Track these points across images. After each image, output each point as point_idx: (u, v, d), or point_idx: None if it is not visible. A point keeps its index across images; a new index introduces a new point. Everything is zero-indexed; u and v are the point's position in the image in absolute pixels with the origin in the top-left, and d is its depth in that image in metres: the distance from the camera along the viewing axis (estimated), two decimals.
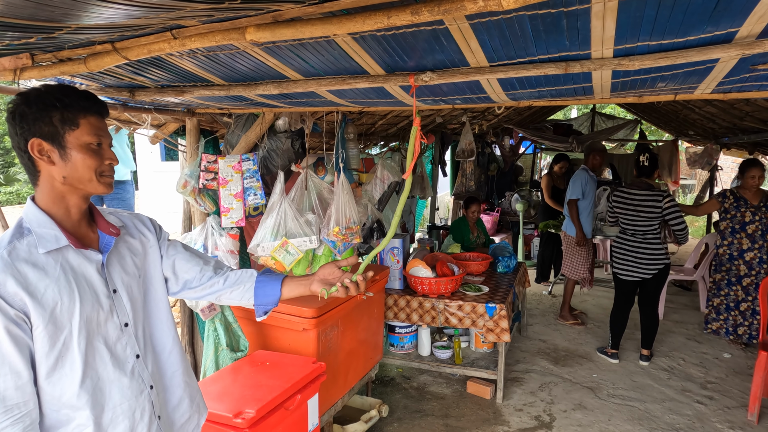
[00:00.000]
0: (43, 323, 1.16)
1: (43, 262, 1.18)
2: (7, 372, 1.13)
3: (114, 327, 1.29)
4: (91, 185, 1.23)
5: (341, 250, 2.70)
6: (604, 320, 5.40)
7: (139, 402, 1.32)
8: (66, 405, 1.21)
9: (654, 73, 1.56)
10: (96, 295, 1.25)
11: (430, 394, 3.86)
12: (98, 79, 1.93)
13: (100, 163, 1.23)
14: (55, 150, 1.19)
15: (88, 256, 1.26)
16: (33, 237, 1.19)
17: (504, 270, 4.51)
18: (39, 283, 1.16)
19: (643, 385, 3.99)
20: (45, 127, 1.18)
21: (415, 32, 1.34)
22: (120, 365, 1.29)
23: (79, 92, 1.23)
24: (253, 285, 1.48)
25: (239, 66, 1.71)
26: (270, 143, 2.88)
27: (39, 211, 1.22)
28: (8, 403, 1.12)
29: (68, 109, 1.19)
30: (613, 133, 7.92)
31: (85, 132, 1.21)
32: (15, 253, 1.16)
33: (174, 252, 1.49)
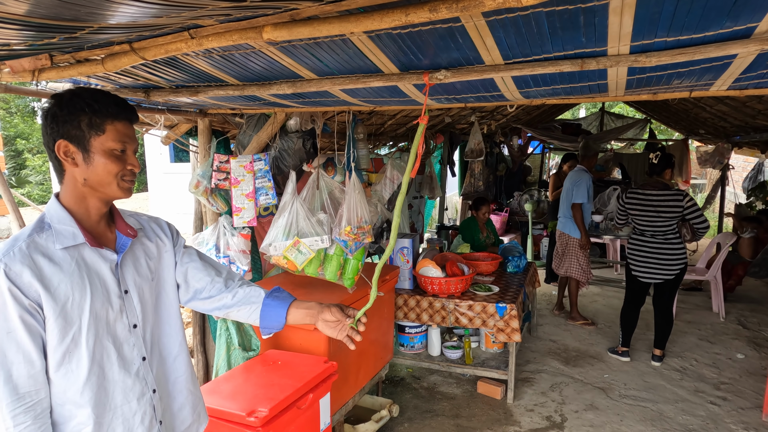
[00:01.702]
0: (53, 316, 1.18)
1: (59, 257, 1.21)
2: (20, 360, 1.15)
3: (123, 327, 1.31)
4: (110, 189, 1.26)
5: (353, 249, 2.71)
6: (614, 321, 5.37)
7: (140, 405, 1.33)
8: (70, 400, 1.22)
9: (670, 69, 1.55)
10: (108, 294, 1.27)
11: (441, 394, 3.85)
12: (114, 80, 1.95)
13: (121, 169, 1.25)
14: (80, 153, 1.23)
15: (104, 255, 1.29)
16: (52, 232, 1.22)
17: (514, 270, 4.49)
18: (53, 277, 1.19)
19: (655, 385, 3.96)
20: (72, 130, 1.21)
21: (431, 30, 1.34)
22: (126, 366, 1.31)
23: (110, 97, 1.25)
24: (260, 307, 1.47)
25: (254, 65, 1.71)
26: (281, 143, 2.89)
27: (61, 207, 1.25)
28: (21, 391, 1.15)
29: (97, 115, 1.21)
30: (622, 132, 7.88)
31: (110, 138, 1.23)
32: (33, 245, 1.19)
33: (188, 260, 1.49)
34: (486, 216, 5.15)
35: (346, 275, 2.81)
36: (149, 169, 11.37)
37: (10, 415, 1.13)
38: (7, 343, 1.14)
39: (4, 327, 1.14)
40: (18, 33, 1.00)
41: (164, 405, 1.41)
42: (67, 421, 1.23)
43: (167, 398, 1.43)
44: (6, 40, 1.10)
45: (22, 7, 0.85)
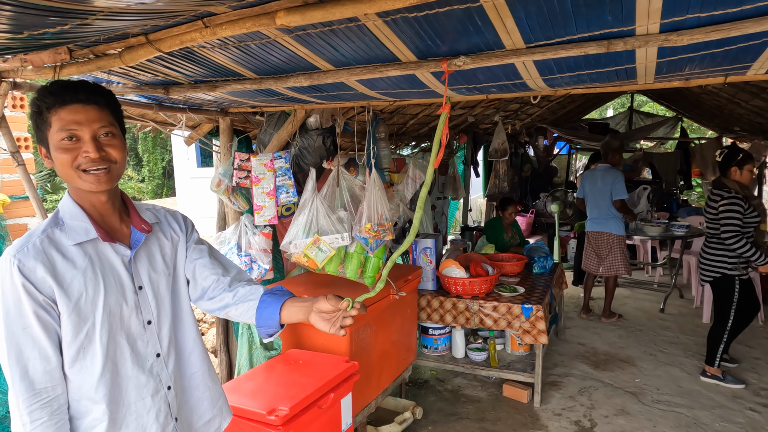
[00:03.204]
0: (67, 312, 1.17)
1: (73, 254, 1.20)
2: (36, 356, 1.14)
3: (137, 324, 1.29)
4: (77, 183, 1.20)
5: (373, 247, 2.67)
6: (646, 324, 5.19)
7: (155, 402, 1.30)
8: (85, 396, 1.21)
9: (703, 50, 1.47)
10: (122, 290, 1.25)
11: (465, 397, 3.77)
12: (133, 76, 1.96)
13: (73, 159, 1.17)
14: (44, 150, 1.21)
15: (117, 250, 1.27)
16: (66, 227, 1.21)
17: (540, 271, 4.38)
18: (66, 273, 1.18)
19: (690, 391, 3.79)
20: (38, 133, 1.20)
21: (448, 12, 1.30)
22: (139, 362, 1.28)
23: (55, 85, 1.19)
24: (256, 305, 1.37)
25: (270, 57, 1.70)
26: (302, 141, 2.88)
27: (73, 203, 1.24)
28: (37, 387, 1.14)
29: (44, 110, 1.17)
30: (651, 131, 7.66)
31: (55, 129, 1.17)
32: (47, 241, 1.18)
33: (197, 256, 1.44)
34: (512, 216, 5.05)
35: (367, 273, 2.77)
36: (177, 173, 11.60)
37: (27, 410, 1.13)
38: (23, 338, 1.14)
39: (20, 323, 1.14)
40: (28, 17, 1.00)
41: (180, 401, 1.38)
42: (83, 416, 1.22)
43: (183, 394, 1.40)
44: (18, 24, 1.11)
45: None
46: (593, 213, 5.09)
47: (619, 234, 4.99)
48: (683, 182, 8.65)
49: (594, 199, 5.06)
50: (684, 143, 8.42)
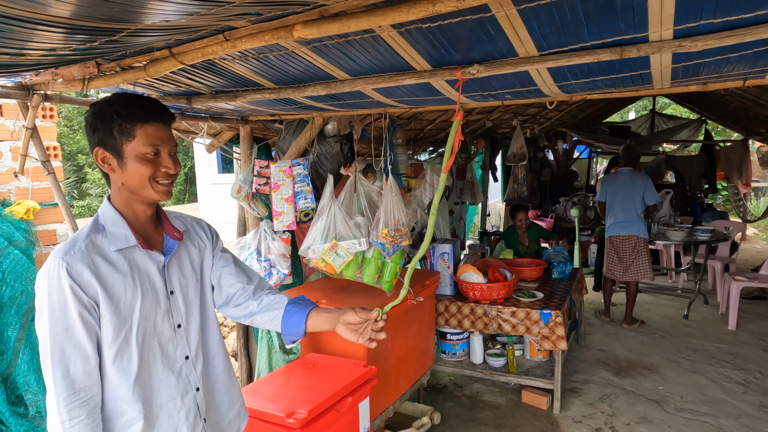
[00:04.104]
0: (109, 314, 1.22)
1: (114, 258, 1.26)
2: (78, 356, 1.19)
3: (168, 327, 1.34)
4: (146, 192, 1.28)
5: (390, 252, 2.69)
6: (669, 330, 5.10)
7: (184, 402, 1.35)
8: (121, 397, 1.26)
9: (719, 55, 1.46)
10: (156, 295, 1.31)
11: (484, 403, 3.76)
12: (157, 87, 2.03)
13: (153, 172, 1.26)
14: (114, 159, 1.26)
15: (153, 257, 1.33)
16: (107, 234, 1.27)
17: (559, 276, 4.35)
18: (109, 277, 1.23)
19: (715, 399, 3.71)
20: (106, 138, 1.25)
21: (461, 22, 1.32)
22: (169, 365, 1.34)
23: (139, 102, 1.27)
24: (281, 313, 1.46)
25: (288, 68, 1.74)
26: (320, 148, 2.92)
27: (113, 210, 1.30)
28: (77, 386, 1.18)
29: (126, 120, 1.24)
30: (674, 133, 7.53)
31: (140, 142, 1.24)
32: (91, 246, 1.24)
33: (223, 264, 1.51)
34: (524, 222, 4.99)
35: (384, 278, 2.79)
36: (198, 180, 11.81)
37: (66, 408, 1.17)
38: (65, 339, 1.18)
39: (64, 323, 1.18)
40: (60, 35, 1.06)
41: (208, 402, 1.44)
42: (120, 416, 1.27)
43: (210, 396, 1.45)
44: (52, 44, 1.17)
45: (64, 8, 0.89)
46: (619, 217, 5.00)
47: (645, 237, 4.94)
48: (708, 186, 8.48)
49: (622, 203, 4.97)
50: (708, 146, 8.25)
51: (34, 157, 2.26)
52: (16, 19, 0.94)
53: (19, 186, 2.83)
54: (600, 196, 5.24)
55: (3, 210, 2.58)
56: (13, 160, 2.80)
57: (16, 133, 2.78)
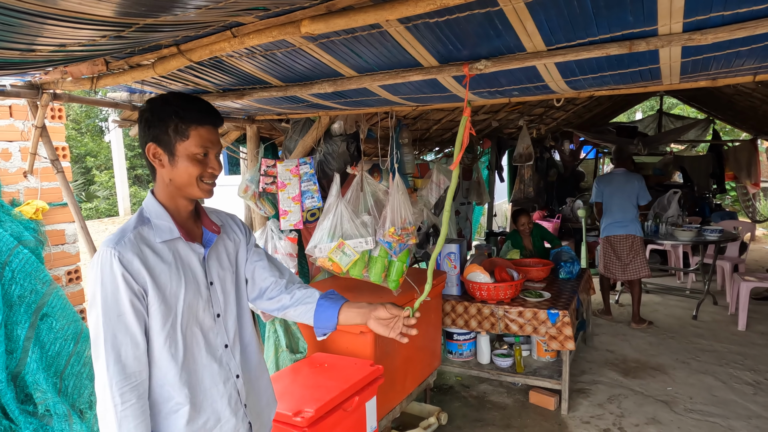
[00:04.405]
0: (157, 302, 1.28)
1: (159, 249, 1.32)
2: (128, 342, 1.24)
3: (209, 316, 1.40)
4: (192, 190, 1.35)
5: (397, 251, 2.69)
6: (678, 331, 5.06)
7: (226, 388, 1.41)
8: (169, 382, 1.31)
9: (729, 48, 1.45)
10: (197, 285, 1.37)
11: (491, 404, 3.74)
12: (165, 85, 2.04)
13: (201, 172, 1.34)
14: (166, 155, 1.33)
15: (194, 249, 1.39)
16: (152, 226, 1.34)
17: (566, 276, 4.32)
18: (156, 266, 1.29)
19: (725, 400, 3.68)
20: (161, 135, 1.31)
21: (469, 17, 1.32)
22: (212, 352, 1.39)
23: (196, 104, 1.34)
24: (314, 307, 1.52)
25: (296, 65, 1.74)
26: (326, 147, 2.93)
27: (157, 203, 1.36)
28: (128, 371, 1.24)
29: (182, 121, 1.30)
30: (682, 133, 7.48)
31: (193, 143, 1.32)
32: (139, 236, 1.30)
33: (257, 258, 1.57)
34: (526, 227, 4.97)
35: (391, 277, 2.79)
36: None
37: (118, 392, 1.21)
38: (117, 325, 1.23)
39: (115, 310, 1.23)
40: (69, 30, 1.07)
41: (248, 389, 1.49)
42: (167, 401, 1.32)
43: (248, 383, 1.51)
44: (61, 39, 1.18)
45: (73, 1, 0.90)
46: (616, 216, 5.05)
47: (641, 236, 5.05)
48: (716, 186, 8.42)
49: (619, 203, 5.02)
50: (717, 146, 8.19)
51: (43, 156, 2.28)
52: (27, 13, 0.95)
53: (29, 186, 2.86)
54: (596, 196, 5.27)
55: (12, 210, 2.60)
56: (23, 160, 2.82)
57: (25, 133, 2.81)
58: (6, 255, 2.40)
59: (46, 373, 2.45)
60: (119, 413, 1.20)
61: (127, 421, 1.21)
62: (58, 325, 2.57)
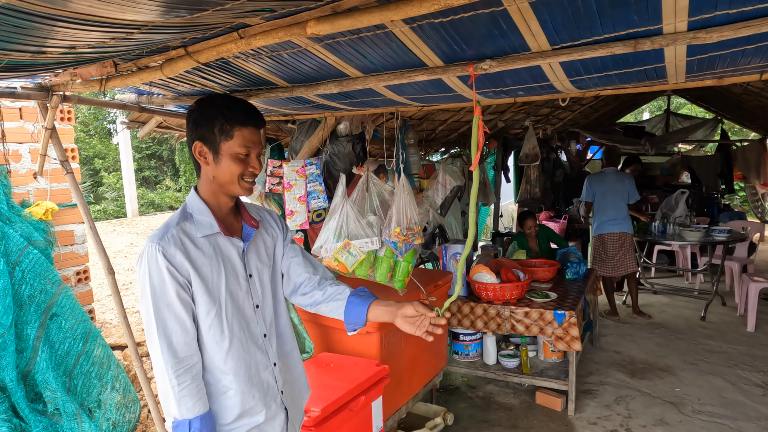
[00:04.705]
0: (201, 292, 1.37)
1: (201, 243, 1.40)
2: (178, 329, 1.34)
3: (249, 307, 1.48)
4: (233, 187, 1.43)
5: (402, 251, 2.70)
6: (686, 332, 5.03)
7: (265, 376, 1.49)
8: (216, 367, 1.41)
9: (735, 47, 1.44)
10: (237, 277, 1.45)
11: (497, 404, 3.73)
12: (172, 87, 2.06)
13: (243, 171, 1.41)
14: (211, 154, 1.40)
15: (233, 243, 1.46)
16: (194, 221, 1.41)
17: (573, 276, 4.31)
18: (198, 259, 1.38)
19: (733, 401, 3.65)
20: (207, 134, 1.39)
21: (473, 17, 1.32)
22: (253, 340, 1.48)
23: (240, 105, 1.41)
24: (344, 304, 1.56)
25: (302, 66, 1.76)
26: (332, 148, 2.94)
27: (199, 200, 1.44)
28: (180, 355, 1.34)
29: (228, 121, 1.37)
30: (690, 133, 7.43)
31: (237, 143, 1.39)
32: (182, 232, 1.39)
33: (293, 254, 1.63)
34: (532, 230, 4.97)
35: (397, 277, 2.80)
36: None
37: (174, 374, 1.31)
38: (167, 314, 1.33)
39: (164, 300, 1.33)
40: (79, 32, 1.08)
41: (285, 376, 1.58)
42: (217, 382, 1.42)
43: (285, 371, 1.59)
44: (71, 41, 1.20)
45: (83, 3, 0.92)
46: (609, 215, 5.19)
47: (632, 233, 5.25)
48: (724, 186, 8.35)
49: (613, 201, 5.17)
50: (725, 146, 8.13)
51: (53, 157, 2.30)
52: (38, 16, 0.97)
53: (38, 187, 2.89)
54: (587, 196, 5.38)
55: (22, 210, 2.64)
56: (33, 161, 2.86)
57: (35, 135, 2.84)
58: (16, 255, 2.43)
59: (56, 372, 2.48)
60: (177, 393, 1.31)
61: (185, 400, 1.32)
62: (68, 324, 2.60)
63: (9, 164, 2.71)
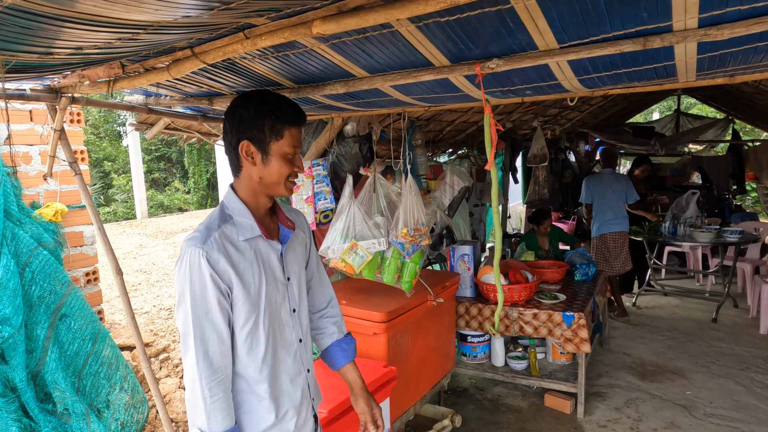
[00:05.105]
0: (242, 299, 1.31)
1: (242, 247, 1.34)
2: (215, 338, 1.28)
3: (286, 312, 1.43)
4: (279, 188, 1.38)
5: (410, 252, 2.68)
6: (697, 334, 4.97)
7: (298, 383, 1.44)
8: (251, 376, 1.35)
9: (747, 44, 1.42)
10: (276, 281, 1.40)
11: (505, 406, 3.71)
12: (180, 88, 2.06)
13: (290, 171, 1.37)
14: (259, 154, 1.34)
15: (273, 246, 1.41)
16: (234, 223, 1.35)
17: (582, 278, 4.27)
18: (240, 265, 1.32)
19: (746, 404, 3.60)
20: (257, 133, 1.33)
21: (480, 15, 1.31)
22: (287, 347, 1.42)
23: (289, 104, 1.37)
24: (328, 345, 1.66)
25: (308, 66, 1.76)
26: (339, 148, 2.94)
27: (239, 200, 1.38)
28: (215, 366, 1.28)
29: (279, 120, 1.33)
30: (700, 133, 7.35)
31: (286, 143, 1.35)
32: (224, 235, 1.32)
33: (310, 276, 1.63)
34: (547, 230, 4.95)
35: (404, 278, 2.78)
36: (220, 185, 11.97)
37: (207, 386, 1.26)
38: (205, 322, 1.27)
39: (203, 308, 1.27)
40: (86, 32, 1.09)
41: (313, 383, 1.55)
42: (249, 393, 1.36)
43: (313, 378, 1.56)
44: (78, 42, 1.20)
45: (89, 3, 0.92)
46: (608, 215, 5.26)
47: (627, 232, 5.34)
48: (736, 186, 8.26)
49: (613, 201, 5.24)
50: (736, 146, 8.04)
51: (62, 159, 2.32)
52: (44, 16, 0.97)
53: (48, 189, 2.91)
54: (587, 197, 5.43)
55: (32, 212, 2.66)
56: (42, 163, 2.88)
57: (45, 137, 2.87)
58: (26, 256, 2.45)
59: (65, 373, 2.49)
60: (209, 406, 1.26)
61: (215, 414, 1.27)
62: (77, 325, 2.62)
63: (19, 166, 2.73)
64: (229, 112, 1.37)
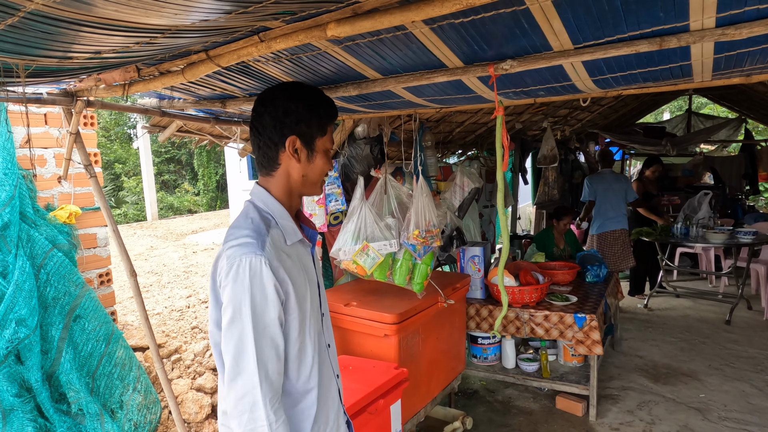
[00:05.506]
0: (295, 310, 1.19)
1: (290, 252, 1.23)
2: (273, 356, 1.15)
3: (318, 317, 1.33)
4: (316, 187, 1.32)
5: (421, 253, 2.68)
6: (710, 336, 4.92)
7: (332, 388, 1.35)
8: (302, 386, 1.25)
9: (765, 43, 1.40)
10: (312, 286, 1.29)
11: (516, 409, 3.69)
12: (193, 91, 2.08)
13: (330, 168, 1.32)
14: (305, 150, 1.26)
15: (307, 248, 1.33)
16: (279, 226, 1.24)
17: (593, 279, 4.25)
18: (292, 271, 1.20)
19: (762, 408, 3.55)
20: (305, 128, 1.25)
21: (494, 16, 1.31)
22: (321, 353, 1.31)
23: (328, 98, 1.32)
24: None
25: (321, 68, 1.76)
26: (350, 150, 2.94)
27: (276, 201, 1.27)
28: (275, 386, 1.16)
29: (324, 116, 1.28)
30: (712, 133, 7.28)
31: (328, 139, 1.30)
32: (275, 241, 1.20)
33: None
34: (567, 227, 4.91)
35: (415, 280, 2.78)
36: (230, 187, 12.03)
37: (272, 409, 1.13)
38: (262, 339, 1.13)
39: (261, 322, 1.13)
40: (104, 37, 1.10)
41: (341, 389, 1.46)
42: (300, 403, 1.25)
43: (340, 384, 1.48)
44: (96, 47, 1.21)
45: (109, 8, 0.93)
46: (609, 213, 5.34)
47: (628, 229, 5.43)
48: (749, 187, 8.17)
49: (614, 200, 5.33)
50: (749, 146, 7.96)
51: (76, 162, 2.35)
52: (64, 21, 0.98)
53: (62, 191, 2.95)
54: (589, 195, 5.48)
55: (47, 214, 2.69)
56: (57, 166, 2.92)
57: (60, 140, 2.90)
58: (41, 258, 2.48)
59: (79, 373, 2.52)
60: (274, 429, 1.13)
61: None
62: (91, 326, 2.64)
63: (35, 169, 2.77)
64: (270, 105, 1.25)
